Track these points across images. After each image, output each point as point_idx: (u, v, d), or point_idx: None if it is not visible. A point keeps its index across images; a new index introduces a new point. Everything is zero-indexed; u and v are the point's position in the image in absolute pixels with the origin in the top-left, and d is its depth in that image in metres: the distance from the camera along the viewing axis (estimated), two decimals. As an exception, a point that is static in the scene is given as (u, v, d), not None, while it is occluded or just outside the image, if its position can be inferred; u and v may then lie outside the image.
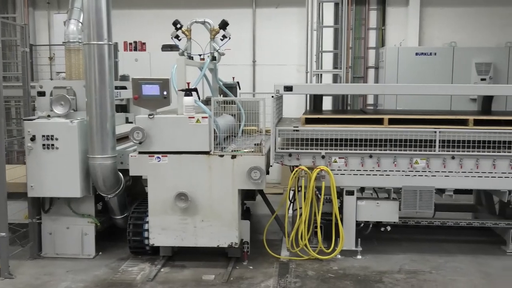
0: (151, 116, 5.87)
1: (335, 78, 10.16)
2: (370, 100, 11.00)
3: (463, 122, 6.29)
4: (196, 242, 6.03)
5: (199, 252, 6.31)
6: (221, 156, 5.92)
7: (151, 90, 5.88)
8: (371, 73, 11.04)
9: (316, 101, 7.98)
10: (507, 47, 10.10)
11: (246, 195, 7.30)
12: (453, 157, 6.19)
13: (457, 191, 6.42)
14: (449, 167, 6.22)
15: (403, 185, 6.28)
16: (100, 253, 6.53)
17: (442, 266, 6.16)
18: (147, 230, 6.14)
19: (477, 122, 6.24)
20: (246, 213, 7.75)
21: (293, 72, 10.84)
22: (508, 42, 10.25)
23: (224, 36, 6.96)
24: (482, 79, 9.82)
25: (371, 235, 6.64)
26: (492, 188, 6.48)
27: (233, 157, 5.91)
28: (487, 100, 7.69)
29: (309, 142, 6.32)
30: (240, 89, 7.91)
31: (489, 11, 10.73)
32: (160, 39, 9.54)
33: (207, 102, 6.57)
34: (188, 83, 5.96)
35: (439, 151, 6.19)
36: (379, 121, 6.35)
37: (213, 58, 6.95)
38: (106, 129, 5.98)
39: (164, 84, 5.88)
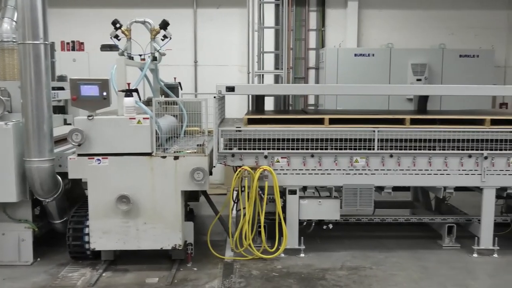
0: (91, 118, 5.74)
1: (277, 79, 10.22)
2: (311, 100, 11.15)
3: (400, 122, 6.47)
4: (139, 245, 5.94)
5: (142, 255, 6.22)
6: (163, 157, 5.85)
7: (90, 90, 5.75)
8: (311, 73, 11.20)
9: (258, 101, 8.03)
10: (441, 48, 10.48)
11: (190, 196, 7.26)
12: (391, 156, 6.37)
13: (396, 188, 6.59)
14: (388, 165, 6.39)
15: (344, 184, 6.40)
16: (39, 259, 6.32)
17: (382, 262, 6.32)
18: (88, 234, 5.99)
19: (413, 121, 6.43)
20: (189, 215, 7.70)
21: (235, 73, 10.87)
22: (442, 44, 10.65)
23: (165, 36, 6.88)
24: (418, 80, 10.15)
25: (314, 233, 6.74)
26: (428, 185, 6.71)
27: (176, 158, 5.85)
28: (422, 100, 7.95)
29: (252, 143, 6.34)
30: (182, 89, 7.85)
31: (424, 14, 11.10)
32: (99, 38, 9.36)
33: (148, 103, 6.49)
34: (129, 84, 5.86)
35: (378, 149, 6.35)
36: (320, 121, 6.45)
37: (154, 59, 6.87)
38: (43, 131, 5.79)
39: (103, 84, 5.76)
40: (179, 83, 7.73)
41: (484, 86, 8.94)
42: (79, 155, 5.79)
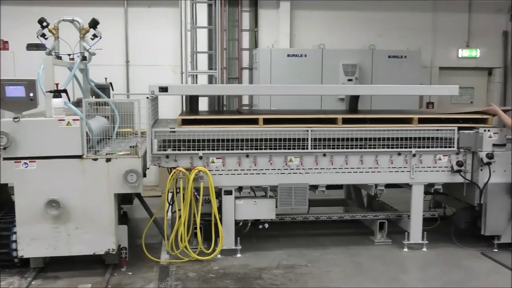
0: (17, 120, 5.50)
1: (211, 79, 10.19)
2: (246, 101, 11.18)
3: (333, 121, 6.59)
4: (70, 250, 5.75)
5: (74, 261, 6.01)
6: (95, 159, 5.69)
7: (15, 91, 5.51)
8: (245, 74, 11.22)
9: (192, 102, 7.96)
10: (371, 49, 10.76)
11: (123, 199, 7.10)
12: (324, 155, 6.47)
13: (329, 187, 6.70)
14: (321, 164, 6.49)
15: (279, 183, 6.45)
16: (-38, 269, 6.00)
17: (317, 259, 6.41)
18: (15, 241, 5.74)
19: (345, 121, 6.56)
20: (123, 218, 7.54)
21: (168, 73, 10.73)
22: (372, 45, 10.94)
23: (94, 35, 6.71)
24: (349, 80, 10.38)
25: (250, 233, 6.76)
26: (360, 183, 6.87)
27: (108, 160, 5.71)
28: (354, 100, 8.12)
29: (187, 143, 6.27)
30: (113, 90, 7.68)
31: (355, 16, 11.37)
32: (25, 37, 8.96)
33: (78, 103, 6.29)
34: (57, 84, 5.66)
35: (311, 149, 6.43)
36: (255, 121, 6.47)
37: (84, 58, 6.67)
38: (-35, 134, 5.51)
39: (30, 85, 5.53)
40: (110, 83, 7.56)
41: (411, 86, 9.26)
42: (5, 159, 5.54)
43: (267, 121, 6.46)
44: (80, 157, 5.66)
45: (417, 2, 11.51)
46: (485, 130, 6.56)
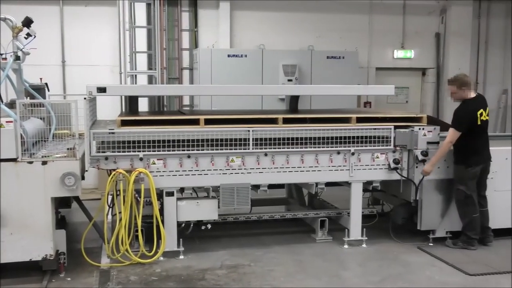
0: None
1: (150, 79, 10.07)
2: (186, 101, 11.11)
3: (274, 121, 6.64)
4: (4, 257, 5.52)
5: (10, 268, 5.78)
6: (30, 162, 5.51)
7: None
8: (186, 74, 11.14)
9: (131, 102, 7.82)
10: (309, 50, 10.92)
11: (61, 203, 6.90)
12: (266, 154, 6.51)
13: (271, 186, 6.76)
14: (263, 164, 6.53)
15: (221, 183, 6.44)
16: None
17: (260, 258, 6.45)
18: None
19: (286, 121, 6.63)
20: (61, 222, 7.32)
21: (107, 73, 10.50)
22: (310, 45, 11.10)
23: (28, 35, 6.49)
24: (289, 80, 10.49)
25: (193, 234, 6.72)
26: (301, 182, 6.96)
27: (44, 163, 5.54)
28: (294, 100, 8.22)
29: (126, 145, 6.17)
30: (49, 90, 7.46)
31: (294, 17, 11.50)
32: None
33: (11, 105, 6.06)
34: (-11, 85, 5.45)
35: (253, 149, 6.46)
36: (196, 122, 6.43)
37: (17, 58, 6.42)
38: None
39: (-41, 86, 5.30)
40: (46, 84, 7.34)
41: (349, 86, 9.47)
42: None
43: (208, 122, 6.43)
44: (14, 160, 5.46)
45: (354, 4, 11.78)
46: (419, 129, 6.78)
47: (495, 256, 6.47)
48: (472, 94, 6.73)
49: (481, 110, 6.60)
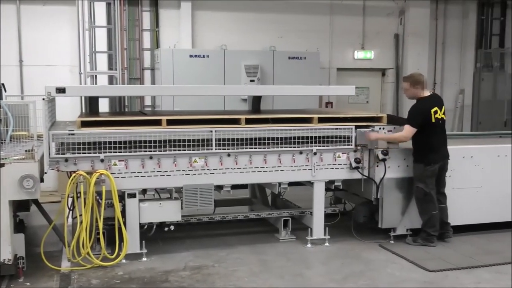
0: None
1: (111, 80, 9.95)
2: (148, 102, 11.00)
3: (236, 121, 6.65)
4: (-40, 263, 5.38)
5: (-35, 275, 5.64)
6: (-13, 165, 5.37)
7: None
8: (147, 74, 11.03)
9: (92, 103, 7.71)
10: (271, 50, 10.96)
11: (19, 206, 6.74)
12: (228, 155, 6.51)
13: (234, 186, 6.76)
14: (226, 164, 6.53)
15: (184, 184, 6.41)
16: None
17: (224, 259, 6.45)
18: None
19: (248, 121, 6.63)
20: (19, 226, 7.15)
21: (66, 73, 10.29)
22: (272, 46, 11.15)
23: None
24: (251, 80, 10.50)
25: (156, 236, 6.66)
26: (264, 181, 6.98)
27: (1, 165, 5.40)
28: (256, 100, 8.25)
29: (87, 146, 6.07)
30: (6, 91, 7.27)
31: (256, 17, 11.52)
32: None
33: (-33, 106, 5.90)
34: None
35: (216, 149, 6.45)
36: (158, 122, 6.38)
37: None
38: None
39: None
40: (3, 84, 7.16)
41: (311, 86, 9.58)
42: None
43: (170, 122, 6.39)
44: (-30, 163, 5.32)
45: (315, 5, 11.89)
46: (380, 128, 6.90)
47: (454, 253, 6.63)
48: (426, 93, 6.88)
49: (436, 108, 6.74)
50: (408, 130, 6.72)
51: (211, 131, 6.42)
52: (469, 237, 7.19)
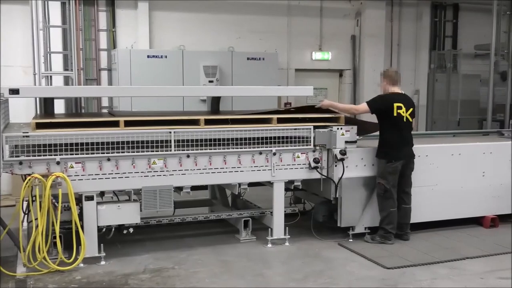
0: None
1: (67, 80, 9.77)
2: (105, 103, 10.85)
3: (195, 122, 6.61)
4: None
5: None
6: None
7: None
8: (104, 75, 10.88)
9: (47, 104, 7.54)
10: (230, 51, 10.98)
11: (-29, 211, 6.55)
12: (188, 156, 6.48)
13: (194, 188, 6.73)
14: (185, 166, 6.49)
15: (143, 186, 6.33)
16: None
17: (185, 260, 6.41)
18: None
19: (207, 122, 6.61)
20: (-29, 232, 6.95)
21: (20, 74, 10.04)
22: (231, 46, 11.16)
23: None
24: (210, 81, 10.49)
25: (114, 238, 6.56)
26: (224, 182, 6.97)
27: (-48, 169, 5.24)
28: (215, 101, 8.23)
29: (42, 148, 5.93)
30: (-44, 93, 7.04)
31: (214, 18, 11.51)
32: None
33: None
34: None
35: (175, 150, 6.41)
36: (116, 124, 6.28)
37: None
38: None
39: None
40: (-47, 85, 6.92)
41: (270, 87, 9.65)
42: None
43: (128, 123, 6.31)
44: None
45: (273, 6, 11.96)
46: (338, 128, 6.98)
47: (411, 250, 6.77)
48: (395, 90, 7.02)
49: (400, 104, 6.87)
50: (362, 105, 7.08)
51: (170, 132, 6.37)
52: (425, 234, 7.36)
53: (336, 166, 6.98)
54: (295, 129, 6.90)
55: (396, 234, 7.04)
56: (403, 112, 6.88)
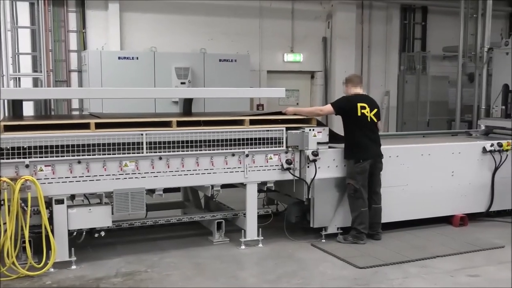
0: None
1: (36, 82, 9.62)
2: (75, 105, 10.72)
3: (168, 124, 6.57)
4: None
5: None
6: None
7: None
8: (74, 76, 10.75)
9: (15, 106, 7.41)
10: (202, 53, 10.96)
11: None
12: (160, 158, 6.43)
13: (167, 190, 6.69)
14: (157, 168, 6.44)
15: (114, 189, 6.26)
16: None
17: (157, 263, 6.36)
18: None
19: (180, 124, 6.57)
20: None
21: (-13, 76, 9.87)
22: (203, 48, 11.14)
23: None
24: (182, 83, 10.45)
25: (86, 242, 6.48)
26: (197, 184, 6.94)
27: None
28: (187, 103, 8.20)
29: (10, 151, 5.82)
30: None
31: (186, 19, 11.48)
32: None
33: None
34: None
35: (147, 152, 6.36)
36: (86, 126, 6.21)
37: None
38: None
39: None
40: None
41: (242, 89, 9.65)
42: None
43: (99, 126, 6.23)
44: None
45: (245, 8, 11.99)
46: (310, 130, 7.02)
47: (382, 249, 6.84)
48: (358, 91, 7.10)
49: (364, 104, 6.96)
50: (327, 106, 7.30)
51: (142, 134, 6.32)
52: (397, 234, 7.44)
53: (308, 167, 7.01)
54: (268, 130, 6.92)
55: (368, 234, 7.11)
56: (367, 112, 6.97)
